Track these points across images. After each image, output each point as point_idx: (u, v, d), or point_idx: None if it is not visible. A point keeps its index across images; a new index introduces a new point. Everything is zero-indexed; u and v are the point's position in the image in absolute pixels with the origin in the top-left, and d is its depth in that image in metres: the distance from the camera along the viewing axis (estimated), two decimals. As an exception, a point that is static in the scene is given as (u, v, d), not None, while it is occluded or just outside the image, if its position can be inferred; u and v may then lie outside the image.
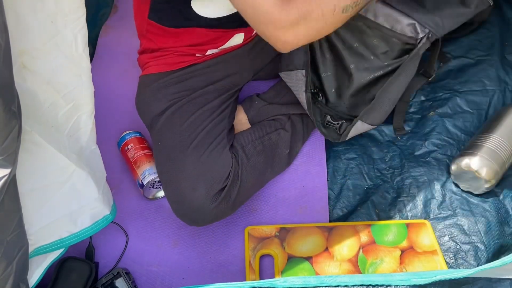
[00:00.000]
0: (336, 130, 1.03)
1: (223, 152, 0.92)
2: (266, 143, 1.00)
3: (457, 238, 0.95)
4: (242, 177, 0.92)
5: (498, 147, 0.96)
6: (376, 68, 0.96)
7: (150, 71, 0.99)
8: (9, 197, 0.59)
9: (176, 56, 0.97)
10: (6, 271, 0.63)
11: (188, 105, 0.95)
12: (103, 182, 0.87)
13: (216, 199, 0.88)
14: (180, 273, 0.95)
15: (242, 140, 0.99)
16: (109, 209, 0.87)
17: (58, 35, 0.62)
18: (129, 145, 1.07)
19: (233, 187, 0.91)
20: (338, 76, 1.01)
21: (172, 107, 0.95)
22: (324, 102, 1.04)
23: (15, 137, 0.56)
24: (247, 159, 0.94)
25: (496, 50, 1.20)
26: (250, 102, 1.10)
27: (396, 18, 0.89)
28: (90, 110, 0.76)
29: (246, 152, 0.96)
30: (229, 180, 0.90)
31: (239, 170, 0.92)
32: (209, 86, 0.98)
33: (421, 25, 0.88)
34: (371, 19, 0.92)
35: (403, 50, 0.93)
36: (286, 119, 1.06)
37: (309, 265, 0.92)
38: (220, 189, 0.89)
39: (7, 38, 0.52)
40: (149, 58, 1.00)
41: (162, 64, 0.98)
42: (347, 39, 0.96)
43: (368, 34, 0.94)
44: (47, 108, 0.68)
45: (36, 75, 0.63)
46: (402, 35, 0.90)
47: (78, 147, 0.78)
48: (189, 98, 0.95)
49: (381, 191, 1.04)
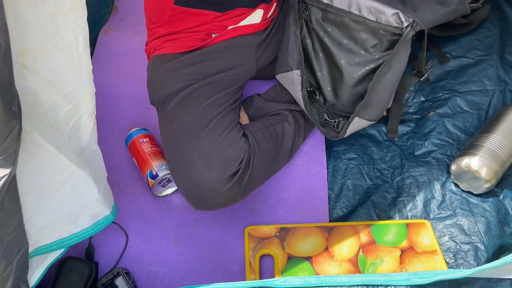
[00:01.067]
0: (334, 128, 1.03)
1: (238, 136, 0.92)
2: (272, 132, 1.00)
3: (457, 238, 0.95)
4: (253, 163, 0.92)
5: (498, 147, 0.96)
6: (366, 62, 0.96)
7: (164, 52, 1.00)
8: (9, 197, 0.59)
9: (191, 39, 0.99)
10: (6, 271, 0.63)
11: (204, 89, 0.96)
12: (104, 182, 0.86)
13: (230, 181, 0.88)
14: (180, 273, 0.95)
15: (251, 128, 1.00)
16: (109, 209, 0.87)
17: (58, 35, 0.62)
18: (146, 138, 1.07)
19: (245, 171, 0.90)
20: (332, 74, 1.01)
21: (187, 88, 0.95)
22: (322, 101, 1.04)
23: (15, 137, 0.56)
24: (258, 146, 0.95)
25: (496, 50, 1.20)
26: (251, 100, 1.11)
27: (380, 9, 0.90)
28: (91, 110, 0.76)
29: (256, 138, 0.96)
30: (243, 164, 0.89)
31: (252, 155, 0.92)
32: (221, 73, 0.99)
33: (404, 14, 0.90)
34: (355, 13, 0.93)
35: (391, 42, 0.93)
36: (288, 113, 1.07)
37: (309, 265, 0.93)
38: (234, 172, 0.88)
39: (7, 38, 0.52)
40: (163, 41, 1.00)
41: (177, 45, 0.99)
42: (335, 36, 0.97)
43: (355, 29, 0.95)
44: (47, 108, 0.68)
45: (37, 75, 0.63)
46: (388, 25, 0.91)
47: (78, 147, 0.77)
48: (203, 82, 0.96)
49: (381, 191, 1.04)
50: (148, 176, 1.02)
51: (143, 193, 1.06)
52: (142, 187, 1.07)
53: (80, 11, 0.63)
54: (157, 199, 1.05)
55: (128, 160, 1.11)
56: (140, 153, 1.05)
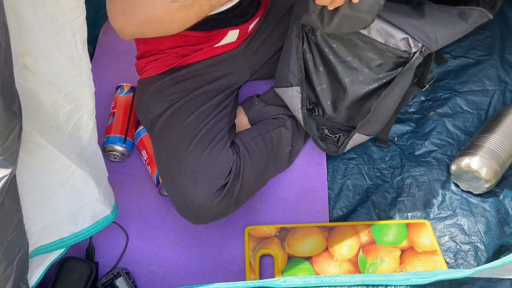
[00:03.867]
0: (334, 143, 1.03)
1: (224, 149, 0.92)
2: (267, 140, 1.00)
3: (457, 238, 0.95)
4: (244, 173, 0.92)
5: (498, 147, 0.96)
6: (370, 81, 0.95)
7: (148, 75, 1.00)
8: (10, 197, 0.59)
9: (172, 58, 0.98)
10: (7, 271, 0.63)
11: (187, 105, 0.96)
12: (105, 182, 0.86)
13: (219, 195, 0.88)
14: (180, 273, 0.95)
15: (243, 137, 0.99)
16: (110, 209, 0.87)
17: (58, 35, 0.62)
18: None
19: (235, 183, 0.90)
20: (333, 89, 1.01)
21: (170, 108, 0.95)
22: (322, 114, 1.04)
23: (16, 137, 0.56)
24: (248, 155, 0.94)
25: (496, 50, 1.20)
26: (251, 103, 1.10)
27: (390, 32, 0.88)
28: (91, 110, 0.76)
29: (247, 148, 0.96)
30: (231, 176, 0.90)
31: (241, 166, 0.92)
32: (206, 86, 0.99)
33: (414, 39, 0.88)
34: (364, 34, 0.91)
35: (397, 63, 0.92)
36: (287, 117, 1.06)
37: (309, 265, 0.93)
38: (222, 185, 0.89)
39: (8, 38, 0.52)
40: (146, 62, 1.01)
41: (158, 66, 0.99)
42: (340, 53, 0.96)
43: (362, 48, 0.93)
44: (48, 108, 0.67)
45: (38, 75, 0.63)
46: (396, 49, 0.90)
47: (79, 147, 0.77)
48: (186, 99, 0.96)
49: (381, 191, 1.04)
50: (157, 175, 1.02)
51: (143, 193, 1.06)
52: (142, 187, 1.07)
53: (79, 10, 0.63)
54: (157, 199, 1.05)
55: (128, 160, 1.11)
56: (149, 151, 1.05)
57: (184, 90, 0.97)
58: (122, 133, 1.08)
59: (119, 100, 1.14)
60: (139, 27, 0.74)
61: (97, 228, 0.85)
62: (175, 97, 0.96)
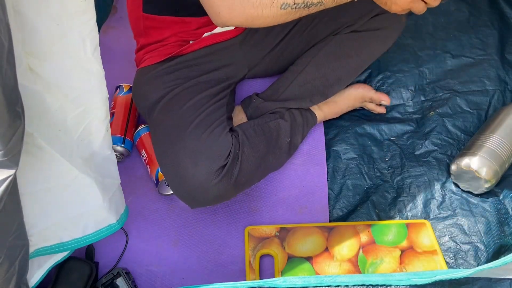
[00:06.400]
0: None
1: (223, 133, 0.92)
2: (266, 129, 1.00)
3: (457, 238, 0.95)
4: (243, 156, 0.91)
5: (498, 147, 0.96)
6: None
7: (146, 64, 1.01)
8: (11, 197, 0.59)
9: (170, 47, 1.00)
10: (9, 272, 0.63)
11: (185, 92, 0.96)
12: (113, 190, 0.84)
13: (218, 175, 0.87)
14: (180, 273, 0.95)
15: (243, 126, 1.00)
16: (116, 217, 0.85)
17: (64, 38, 0.61)
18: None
19: (235, 164, 0.90)
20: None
21: (169, 94, 0.96)
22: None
23: (20, 137, 0.55)
24: (247, 139, 0.94)
25: (496, 50, 1.20)
26: (249, 101, 1.11)
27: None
28: (103, 115, 0.74)
29: (246, 134, 0.96)
30: (230, 158, 0.89)
31: (240, 148, 0.91)
32: (203, 75, 1.00)
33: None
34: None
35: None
36: (285, 110, 1.06)
37: (309, 265, 0.93)
38: (222, 165, 0.88)
39: (10, 38, 0.51)
40: (144, 53, 1.03)
41: (155, 56, 1.00)
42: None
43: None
44: (54, 111, 0.66)
45: (43, 77, 0.62)
46: None
47: (88, 153, 0.76)
48: (185, 86, 0.97)
49: (381, 191, 1.04)
50: (156, 174, 1.02)
51: (143, 193, 1.06)
52: (142, 187, 1.07)
53: (88, 14, 0.62)
54: (157, 199, 1.05)
55: (128, 160, 1.11)
56: (148, 151, 1.06)
57: (181, 78, 0.98)
58: (122, 133, 1.08)
59: (118, 100, 1.14)
60: (244, 22, 0.80)
61: (100, 236, 0.84)
62: (173, 84, 0.97)
